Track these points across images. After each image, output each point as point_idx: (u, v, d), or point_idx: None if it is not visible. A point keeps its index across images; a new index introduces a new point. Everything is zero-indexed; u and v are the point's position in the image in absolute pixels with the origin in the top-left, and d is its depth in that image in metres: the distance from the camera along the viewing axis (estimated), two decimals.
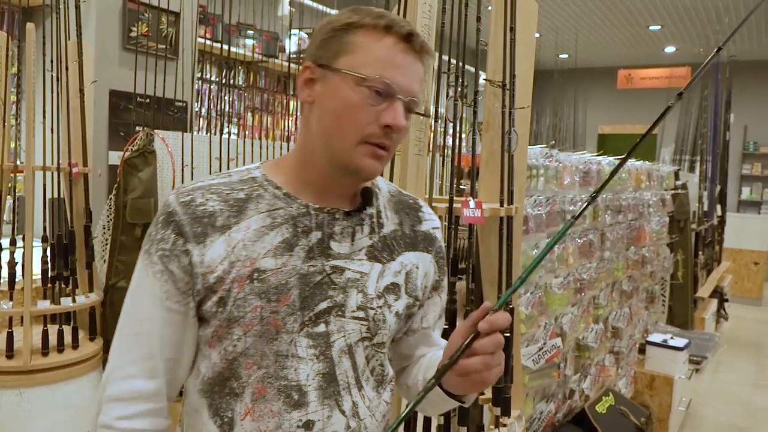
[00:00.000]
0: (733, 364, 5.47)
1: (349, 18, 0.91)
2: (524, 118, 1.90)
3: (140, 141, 2.65)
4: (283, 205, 0.94)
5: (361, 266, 0.96)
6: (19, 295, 2.34)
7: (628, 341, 3.59)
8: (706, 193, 6.30)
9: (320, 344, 0.92)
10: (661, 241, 4.28)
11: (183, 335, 0.93)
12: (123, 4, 3.48)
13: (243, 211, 0.92)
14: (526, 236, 2.21)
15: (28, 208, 2.31)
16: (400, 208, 1.05)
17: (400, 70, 0.89)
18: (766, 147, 10.00)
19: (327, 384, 0.93)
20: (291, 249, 0.92)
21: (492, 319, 0.87)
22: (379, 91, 0.88)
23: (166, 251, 0.90)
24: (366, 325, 0.95)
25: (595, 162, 3.03)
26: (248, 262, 0.90)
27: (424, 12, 1.65)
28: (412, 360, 1.12)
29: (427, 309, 1.09)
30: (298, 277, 0.91)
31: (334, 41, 0.91)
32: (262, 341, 0.90)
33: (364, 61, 0.89)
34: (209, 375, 0.93)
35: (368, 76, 0.88)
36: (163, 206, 0.94)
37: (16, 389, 2.21)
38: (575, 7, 7.72)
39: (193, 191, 0.93)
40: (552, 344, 2.23)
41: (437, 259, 1.08)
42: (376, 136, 0.89)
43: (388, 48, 0.89)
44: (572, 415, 2.80)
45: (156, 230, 0.93)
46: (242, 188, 0.94)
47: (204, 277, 0.90)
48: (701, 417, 4.21)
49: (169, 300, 0.91)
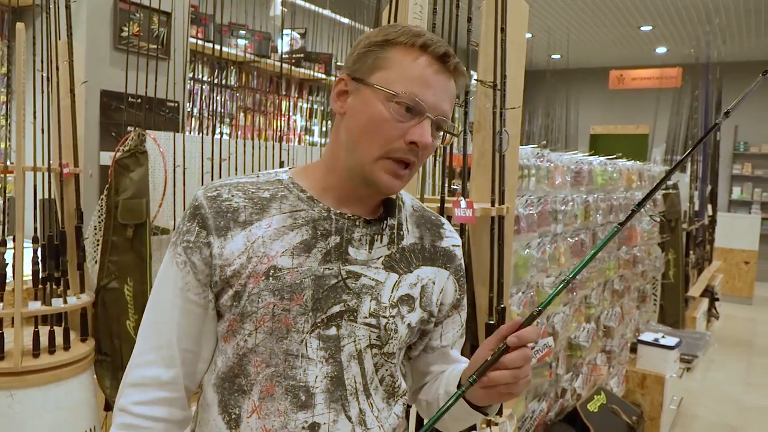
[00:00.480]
0: (724, 362, 5.50)
1: (388, 34, 0.93)
2: (515, 119, 1.91)
3: (132, 141, 2.63)
4: (305, 207, 0.96)
5: (377, 274, 0.97)
6: (9, 296, 2.32)
7: (620, 340, 3.60)
8: (697, 193, 6.34)
9: (330, 347, 0.93)
10: (652, 240, 4.30)
11: (202, 327, 0.96)
12: (114, 4, 3.47)
13: (266, 209, 0.95)
14: (518, 236, 2.22)
15: (19, 208, 2.30)
16: (422, 222, 1.06)
17: (432, 89, 0.91)
18: (756, 147, 10.06)
19: (335, 387, 0.93)
20: (309, 250, 0.94)
21: (521, 333, 0.88)
22: (409, 107, 0.90)
23: (190, 243, 0.94)
24: (376, 333, 0.96)
25: (586, 162, 3.04)
26: (266, 258, 0.92)
27: (415, 12, 1.65)
28: (432, 377, 1.12)
29: (447, 327, 1.09)
30: (312, 278, 0.93)
31: (370, 56, 0.93)
32: (272, 339, 0.92)
33: (397, 77, 0.91)
34: (223, 370, 0.95)
35: (400, 92, 0.89)
36: (192, 200, 0.98)
37: (7, 391, 2.20)
38: (567, 8, 7.75)
39: (221, 187, 0.96)
40: (544, 343, 2.24)
41: (457, 277, 1.08)
42: (401, 151, 0.91)
43: (423, 67, 0.91)
44: (564, 413, 2.82)
45: (183, 223, 0.96)
46: (268, 188, 0.97)
47: (222, 270, 0.92)
48: (692, 415, 4.24)
49: (189, 291, 0.94)
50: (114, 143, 3.33)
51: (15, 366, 2.21)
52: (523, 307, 2.26)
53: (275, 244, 0.93)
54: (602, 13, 7.95)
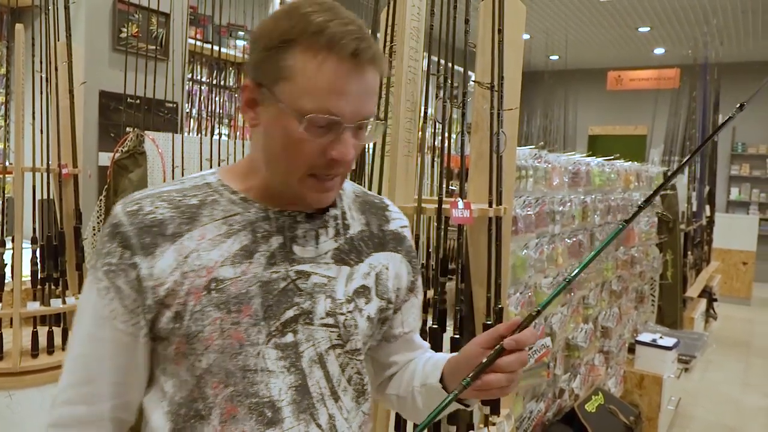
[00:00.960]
0: (722, 363, 5.51)
1: (284, 33, 0.80)
2: (513, 120, 1.92)
3: (130, 142, 2.64)
4: (240, 210, 0.88)
5: (327, 270, 0.91)
6: (8, 296, 2.33)
7: (618, 341, 3.61)
8: (694, 193, 6.35)
9: (290, 355, 0.87)
10: (650, 241, 4.31)
11: (133, 357, 0.87)
12: (113, 5, 3.47)
13: (196, 218, 0.86)
14: (515, 237, 2.23)
15: (18, 209, 2.30)
16: (366, 208, 1.01)
17: (346, 98, 0.80)
18: (754, 148, 10.08)
19: (301, 397, 0.87)
20: (250, 256, 0.86)
21: (519, 337, 0.85)
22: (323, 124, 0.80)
23: (112, 266, 0.84)
24: (336, 332, 0.90)
25: (583, 163, 3.05)
26: (204, 272, 0.84)
27: (413, 14, 1.66)
28: (397, 367, 1.08)
29: (406, 312, 1.05)
30: (259, 285, 0.86)
31: (269, 62, 0.82)
32: (225, 357, 0.84)
33: (303, 91, 0.79)
34: (180, 395, 0.87)
35: (309, 111, 0.79)
36: (110, 217, 0.87)
37: (6, 391, 2.21)
38: (565, 9, 7.76)
39: (142, 200, 0.86)
40: (542, 344, 2.25)
41: (409, 258, 1.03)
42: (324, 168, 0.84)
43: (331, 74, 0.79)
44: (562, 414, 2.82)
45: (102, 244, 0.86)
46: (195, 194, 0.89)
47: (154, 291, 0.83)
48: (690, 416, 4.24)
49: (116, 320, 0.84)
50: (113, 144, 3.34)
51: (14, 366, 2.22)
52: (520, 308, 2.26)
53: (212, 255, 0.85)
54: (600, 14, 7.97)
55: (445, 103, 1.80)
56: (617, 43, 9.47)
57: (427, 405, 0.99)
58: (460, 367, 0.91)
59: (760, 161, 10.05)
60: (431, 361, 1.02)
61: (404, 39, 1.64)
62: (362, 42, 0.80)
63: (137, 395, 0.90)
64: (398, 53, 1.65)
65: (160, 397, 0.88)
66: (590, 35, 9.04)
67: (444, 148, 1.88)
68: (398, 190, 1.67)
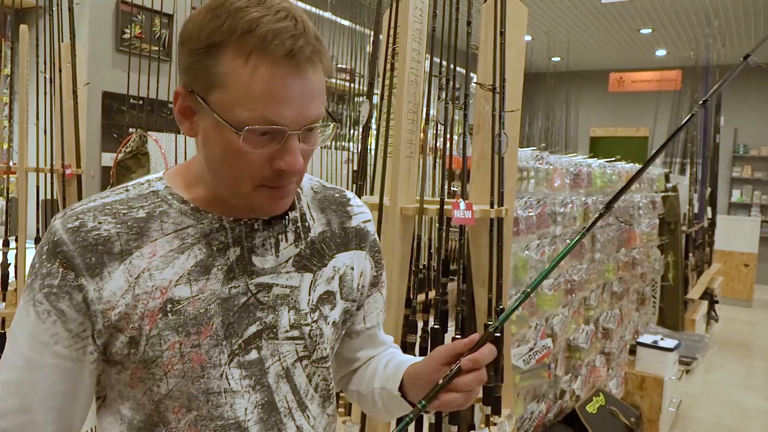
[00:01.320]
0: (723, 365, 5.51)
1: (211, 35, 0.72)
2: (514, 121, 1.93)
3: (133, 143, 2.66)
4: (192, 222, 0.81)
5: (289, 279, 0.86)
6: (12, 296, 2.34)
7: (619, 342, 3.61)
8: (696, 195, 6.35)
9: (255, 373, 0.83)
10: (651, 243, 4.31)
11: (77, 382, 0.80)
12: (116, 6, 3.49)
13: (145, 233, 0.79)
14: (517, 238, 2.23)
15: (21, 209, 2.31)
16: (326, 205, 0.95)
17: (287, 103, 0.72)
18: (756, 150, 10.08)
19: (267, 415, 0.84)
20: (207, 272, 0.80)
21: (477, 357, 0.81)
22: (265, 132, 0.73)
23: (53, 288, 0.76)
24: (302, 344, 0.86)
25: (585, 164, 3.06)
26: (158, 293, 0.78)
27: (416, 16, 1.67)
28: (359, 363, 1.05)
29: (369, 308, 1.01)
30: (218, 302, 0.80)
31: (199, 68, 0.74)
32: (186, 381, 0.79)
33: (238, 99, 0.72)
34: (139, 418, 0.81)
35: (245, 121, 0.72)
36: (48, 233, 0.79)
37: None
38: (567, 11, 7.77)
39: (83, 214, 0.78)
40: (542, 345, 2.26)
41: (372, 254, 0.99)
42: (273, 179, 0.77)
43: (266, 79, 0.71)
44: (563, 415, 2.83)
45: (40, 263, 0.78)
46: (142, 205, 0.81)
47: (105, 315, 0.76)
48: (691, 418, 4.24)
49: (58, 345, 0.77)
50: (115, 144, 3.35)
51: None
52: (521, 309, 2.27)
53: (165, 273, 0.78)
54: (602, 15, 7.98)
55: (447, 105, 1.81)
56: (619, 44, 9.47)
57: (386, 407, 0.98)
58: (420, 380, 0.89)
59: (762, 163, 10.05)
60: (392, 364, 0.98)
61: (407, 41, 1.64)
62: (298, 40, 0.72)
63: (80, 418, 0.84)
64: (401, 55, 1.66)
65: (117, 420, 0.83)
66: (592, 37, 9.05)
67: (446, 149, 1.89)
68: (400, 191, 1.68)
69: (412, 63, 1.66)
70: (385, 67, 1.78)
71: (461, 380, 0.82)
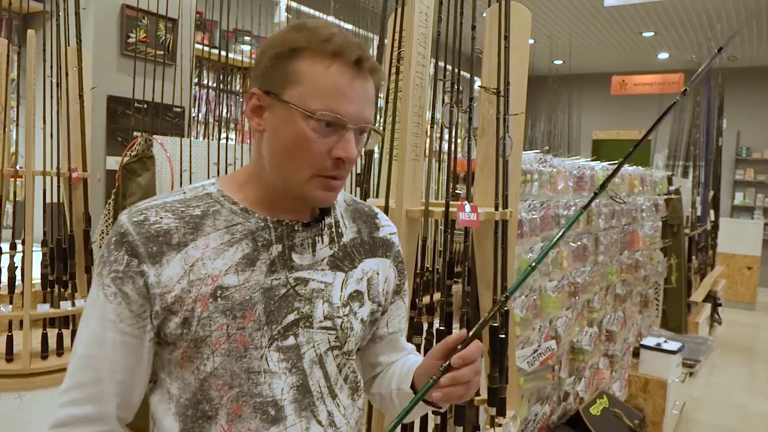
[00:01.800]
0: (726, 368, 5.50)
1: (294, 43, 0.87)
2: (518, 124, 1.94)
3: (139, 146, 2.67)
4: (241, 220, 0.93)
5: (324, 276, 0.96)
6: (18, 298, 2.36)
7: (622, 345, 3.62)
8: (699, 198, 6.36)
9: (291, 357, 0.92)
10: (654, 245, 4.32)
11: (137, 358, 0.90)
12: (121, 11, 3.51)
13: (200, 228, 0.91)
14: (521, 240, 2.24)
15: (28, 212, 2.33)
16: (357, 216, 1.07)
17: (350, 99, 0.87)
18: (759, 153, 10.07)
19: (302, 396, 0.93)
20: (252, 264, 0.91)
21: (464, 354, 0.90)
22: (330, 123, 0.87)
23: (119, 273, 0.87)
24: (334, 334, 0.96)
25: (588, 167, 3.07)
26: (209, 280, 0.89)
27: (421, 21, 1.68)
28: (381, 368, 1.13)
29: (392, 314, 1.11)
30: (261, 291, 0.91)
31: (279, 69, 0.88)
32: (230, 360, 0.89)
33: (311, 92, 0.86)
34: (185, 396, 0.91)
35: (317, 110, 0.86)
36: (116, 226, 0.91)
37: (16, 392, 2.23)
38: (569, 14, 7.79)
39: (147, 210, 0.90)
40: (546, 347, 2.26)
41: (396, 263, 1.10)
42: (329, 169, 0.89)
43: (337, 77, 0.86)
44: (567, 417, 2.83)
45: (108, 251, 0.89)
46: (198, 204, 0.93)
47: (162, 298, 0.87)
48: (695, 420, 4.24)
49: (122, 323, 0.88)
50: (120, 148, 3.37)
51: (24, 368, 2.24)
52: (525, 311, 2.28)
53: (216, 263, 0.89)
54: (604, 18, 7.99)
55: (452, 108, 1.82)
56: (621, 47, 9.48)
57: (403, 406, 1.05)
58: (424, 376, 0.98)
59: (765, 166, 10.04)
60: (407, 366, 1.08)
61: (412, 45, 1.66)
62: (365, 53, 0.88)
63: (138, 395, 0.93)
64: (406, 59, 1.67)
65: (167, 398, 0.92)
66: (594, 40, 9.06)
67: (451, 152, 1.90)
68: (406, 194, 1.69)
69: (417, 67, 1.68)
70: (390, 71, 1.80)
71: (458, 374, 0.91)
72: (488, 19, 1.90)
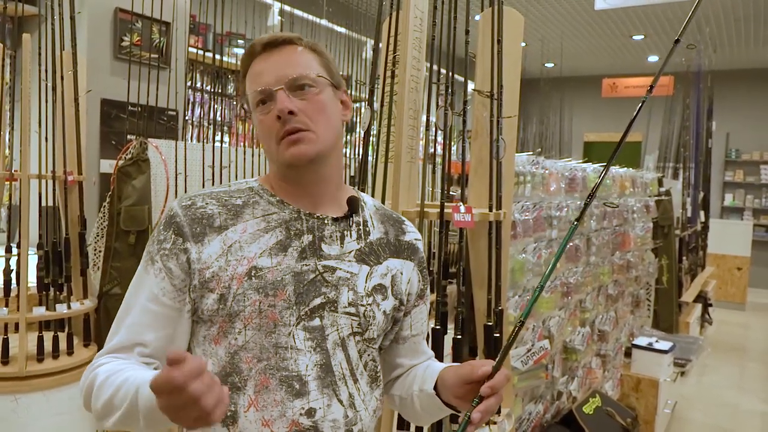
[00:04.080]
0: (717, 367, 5.55)
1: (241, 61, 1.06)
2: (511, 127, 1.96)
3: (134, 149, 2.68)
4: (276, 210, 1.03)
5: (350, 267, 1.04)
6: (14, 301, 2.35)
7: (615, 344, 3.65)
8: (689, 199, 6.40)
9: (316, 337, 0.99)
10: (645, 246, 4.35)
11: (175, 328, 1.00)
12: (114, 14, 3.51)
13: (240, 215, 1.01)
14: (514, 241, 2.27)
15: (24, 215, 2.33)
16: (385, 219, 1.14)
17: (263, 73, 1.00)
18: (748, 154, 10.16)
19: (324, 374, 0.99)
20: (285, 250, 1.00)
21: (493, 384, 0.96)
22: (260, 100, 1.00)
23: (166, 250, 0.98)
24: (357, 320, 1.03)
25: (579, 169, 3.10)
26: (245, 261, 0.98)
27: (415, 25, 1.70)
28: (402, 369, 1.20)
29: (415, 317, 1.17)
30: (292, 274, 0.99)
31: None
32: (261, 334, 0.97)
33: (247, 86, 1.03)
34: (216, 371, 0.98)
35: (250, 95, 1.01)
36: (167, 210, 1.03)
37: (12, 395, 2.23)
38: (560, 17, 7.84)
39: (195, 197, 1.03)
40: (540, 346, 2.29)
41: (420, 268, 1.16)
42: (279, 129, 0.99)
43: (252, 67, 1.02)
44: (560, 416, 2.86)
45: (158, 232, 1.01)
46: (240, 196, 1.04)
47: (201, 273, 0.97)
48: (687, 419, 4.28)
49: (165, 296, 0.98)
50: (114, 151, 3.37)
51: (19, 371, 2.24)
52: (519, 310, 2.30)
53: (252, 247, 0.99)
54: (595, 22, 8.05)
55: (446, 111, 1.85)
56: (612, 50, 9.55)
57: (423, 408, 1.13)
58: (446, 387, 1.05)
59: (754, 167, 10.14)
60: (429, 370, 1.14)
61: (407, 49, 1.68)
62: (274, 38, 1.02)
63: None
64: (401, 62, 1.69)
65: None
66: (585, 43, 9.13)
67: (445, 154, 1.92)
68: (401, 196, 1.71)
69: (412, 70, 1.70)
70: (385, 74, 1.82)
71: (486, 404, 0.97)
72: (481, 23, 1.93)
